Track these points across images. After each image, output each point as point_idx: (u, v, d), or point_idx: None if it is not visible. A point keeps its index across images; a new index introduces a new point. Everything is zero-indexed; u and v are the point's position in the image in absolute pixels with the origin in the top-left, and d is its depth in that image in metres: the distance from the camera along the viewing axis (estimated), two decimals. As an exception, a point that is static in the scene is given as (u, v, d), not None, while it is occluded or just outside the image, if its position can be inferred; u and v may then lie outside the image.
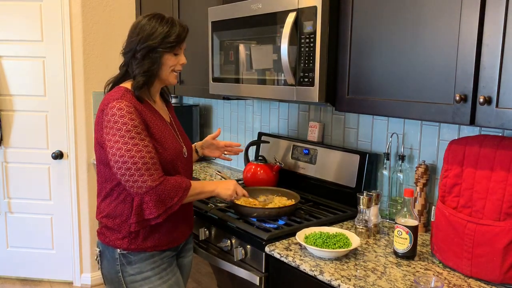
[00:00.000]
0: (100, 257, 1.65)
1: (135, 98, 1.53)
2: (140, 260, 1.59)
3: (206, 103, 3.15)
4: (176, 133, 1.69)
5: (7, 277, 3.32)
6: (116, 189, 1.56)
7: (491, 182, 1.35)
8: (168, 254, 1.66)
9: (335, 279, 1.37)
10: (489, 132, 1.61)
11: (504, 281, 1.32)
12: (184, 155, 1.67)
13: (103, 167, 1.57)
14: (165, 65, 1.57)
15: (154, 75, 1.57)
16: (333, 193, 2.10)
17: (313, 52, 1.66)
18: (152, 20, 1.55)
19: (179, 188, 1.53)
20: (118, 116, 1.45)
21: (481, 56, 1.27)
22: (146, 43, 1.52)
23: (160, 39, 1.53)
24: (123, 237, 1.57)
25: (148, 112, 1.55)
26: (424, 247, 1.62)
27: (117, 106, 1.46)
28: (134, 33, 1.56)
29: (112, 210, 1.57)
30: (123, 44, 1.61)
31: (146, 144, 1.47)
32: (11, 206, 3.20)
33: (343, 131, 2.17)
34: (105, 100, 1.52)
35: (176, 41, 1.56)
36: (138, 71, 1.54)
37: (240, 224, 1.80)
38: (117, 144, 1.44)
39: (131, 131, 1.45)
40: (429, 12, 1.39)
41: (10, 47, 3.01)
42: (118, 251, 1.58)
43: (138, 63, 1.54)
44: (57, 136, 3.09)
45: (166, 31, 1.54)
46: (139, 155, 1.45)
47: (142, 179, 1.45)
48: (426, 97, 1.42)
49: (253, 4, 1.90)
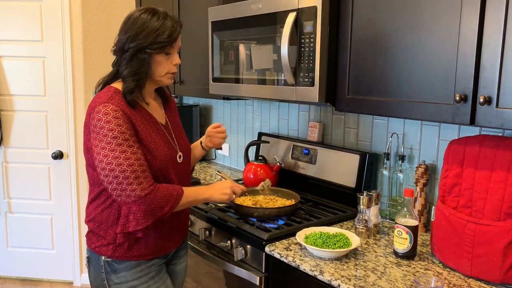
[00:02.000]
0: (88, 262, 1.58)
1: (125, 101, 1.43)
2: (126, 269, 1.51)
3: (206, 103, 3.15)
4: (172, 136, 1.59)
5: (7, 277, 3.32)
6: (104, 194, 1.48)
7: (491, 182, 1.35)
8: (156, 262, 1.58)
9: (335, 279, 1.37)
10: (489, 132, 1.61)
11: (504, 281, 1.32)
12: (179, 159, 1.58)
13: (91, 170, 1.49)
14: (156, 66, 1.46)
15: (143, 77, 1.45)
16: (333, 193, 2.10)
17: (313, 52, 1.66)
18: (143, 15, 1.43)
19: (170, 196, 1.44)
20: (104, 122, 1.36)
21: (481, 56, 1.27)
22: (134, 43, 1.41)
23: (149, 39, 1.41)
24: (107, 243, 1.49)
25: (138, 116, 1.46)
26: (424, 247, 1.62)
27: (103, 111, 1.37)
28: (123, 30, 1.45)
29: (98, 214, 1.50)
30: (114, 40, 1.49)
31: (134, 151, 1.39)
32: (11, 206, 3.20)
33: (343, 131, 2.17)
34: (92, 103, 1.43)
35: (167, 41, 1.43)
36: (126, 73, 1.44)
37: (240, 224, 1.80)
38: (104, 150, 1.37)
39: (117, 137, 1.36)
40: (429, 12, 1.39)
41: (10, 47, 3.01)
42: (102, 258, 1.51)
43: (126, 64, 1.44)
44: (57, 136, 3.10)
45: (155, 29, 1.41)
46: (127, 163, 1.36)
47: (130, 188, 1.37)
48: (426, 97, 1.42)
49: (253, 4, 1.90)
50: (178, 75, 2.68)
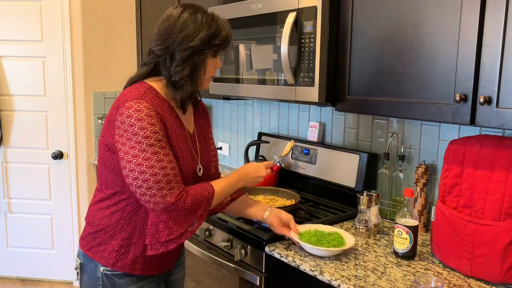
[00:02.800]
0: (80, 270, 1.44)
1: (159, 101, 1.33)
2: (125, 285, 1.40)
3: (206, 103, 3.15)
4: (196, 146, 1.47)
5: (7, 277, 3.33)
6: (117, 196, 1.37)
7: (491, 182, 1.35)
8: (156, 279, 1.49)
9: (335, 279, 1.37)
10: (489, 132, 1.61)
11: (504, 281, 1.32)
12: (199, 172, 1.46)
13: (106, 171, 1.37)
14: (207, 70, 1.37)
15: (198, 81, 1.36)
16: (333, 193, 2.10)
17: (313, 52, 1.66)
18: (196, 14, 1.31)
19: (202, 198, 1.34)
20: (135, 119, 1.24)
21: (481, 56, 1.27)
22: (191, 43, 1.29)
23: (207, 40, 1.31)
24: (111, 250, 1.37)
25: (171, 119, 1.35)
26: (424, 247, 1.62)
27: (135, 107, 1.25)
28: (174, 27, 1.31)
29: (106, 216, 1.38)
30: (153, 37, 1.36)
31: (167, 153, 1.28)
32: (11, 206, 3.20)
33: (343, 131, 2.17)
34: (122, 97, 1.31)
35: (224, 44, 1.36)
36: (179, 76, 1.32)
37: (240, 224, 1.80)
38: (133, 150, 1.25)
39: (150, 137, 1.25)
40: (430, 12, 1.39)
41: (10, 47, 3.01)
42: (101, 270, 1.39)
43: (177, 66, 1.32)
44: (57, 136, 3.09)
45: (213, 30, 1.32)
46: (159, 166, 1.25)
47: (160, 194, 1.26)
48: (426, 97, 1.42)
49: (253, 4, 1.90)
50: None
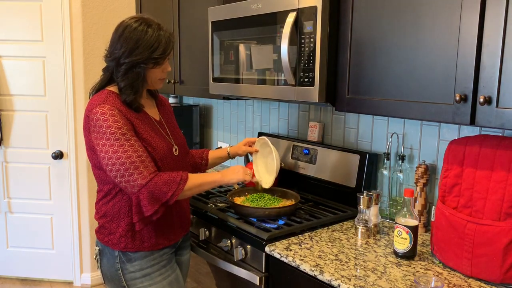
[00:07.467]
0: (99, 255, 1.66)
1: (120, 101, 1.53)
2: (140, 257, 1.61)
3: (206, 103, 3.15)
4: (166, 130, 1.68)
5: (7, 277, 3.32)
6: (113, 190, 1.58)
7: (491, 182, 1.35)
8: (167, 251, 1.68)
9: (335, 279, 1.37)
10: (489, 132, 1.61)
11: (504, 281, 1.32)
12: (175, 152, 1.66)
13: (97, 170, 1.59)
14: (150, 76, 1.57)
15: (140, 88, 1.56)
16: (333, 193, 2.10)
17: (313, 52, 1.66)
18: (138, 28, 1.50)
19: (173, 182, 1.50)
20: (102, 121, 1.47)
21: (481, 56, 1.27)
22: (130, 58, 1.50)
23: (145, 55, 1.50)
24: (120, 236, 1.58)
25: (133, 113, 1.56)
26: (424, 247, 1.62)
27: (100, 111, 1.47)
28: (117, 41, 1.53)
29: (110, 209, 1.59)
30: (106, 48, 1.58)
31: (132, 144, 1.48)
32: (11, 206, 3.20)
33: (343, 131, 2.17)
34: (89, 106, 1.53)
35: (162, 56, 1.53)
36: (123, 85, 1.53)
37: (240, 224, 1.80)
38: (104, 147, 1.47)
39: (115, 133, 1.46)
40: (429, 12, 1.39)
41: (10, 47, 3.01)
42: (116, 250, 1.61)
43: (122, 76, 1.53)
44: (57, 136, 3.09)
45: (150, 45, 1.50)
46: (125, 156, 1.46)
47: (132, 178, 1.46)
48: (426, 97, 1.42)
49: (253, 4, 1.90)
50: (178, 75, 2.68)
